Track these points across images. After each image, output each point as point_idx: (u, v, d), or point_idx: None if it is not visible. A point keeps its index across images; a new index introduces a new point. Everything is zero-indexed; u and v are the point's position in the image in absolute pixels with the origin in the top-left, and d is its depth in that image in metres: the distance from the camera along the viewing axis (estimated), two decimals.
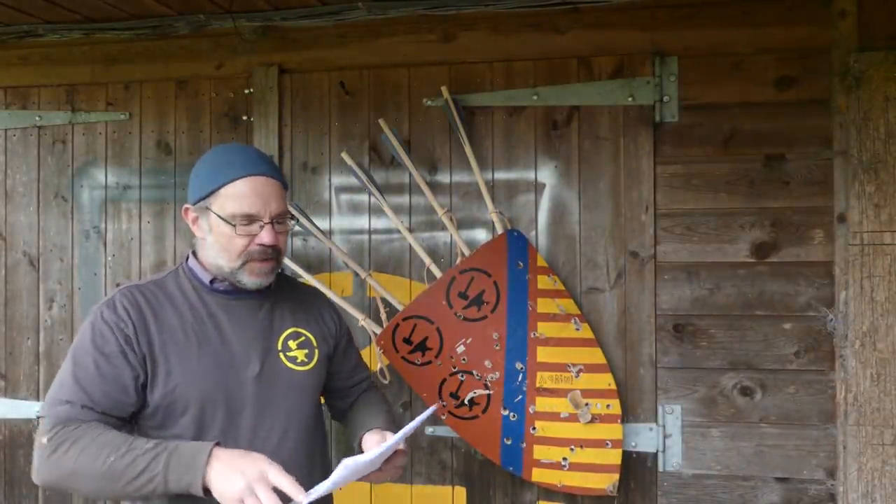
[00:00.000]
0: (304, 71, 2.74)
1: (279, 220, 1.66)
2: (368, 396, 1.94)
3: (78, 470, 1.47)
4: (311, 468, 1.71)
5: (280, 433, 1.66)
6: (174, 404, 1.59)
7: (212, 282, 1.70)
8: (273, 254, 1.65)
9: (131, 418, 1.62)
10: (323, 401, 1.88)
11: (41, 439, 1.51)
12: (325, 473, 1.83)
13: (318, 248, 2.71)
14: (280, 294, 1.78)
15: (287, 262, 2.66)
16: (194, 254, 1.74)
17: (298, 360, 1.72)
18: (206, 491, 1.41)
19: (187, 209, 1.71)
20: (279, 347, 1.71)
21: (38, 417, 1.57)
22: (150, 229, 2.85)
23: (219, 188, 1.63)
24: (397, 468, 1.69)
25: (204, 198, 1.66)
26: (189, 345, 1.62)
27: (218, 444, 1.46)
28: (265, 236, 1.62)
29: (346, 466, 1.47)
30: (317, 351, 1.77)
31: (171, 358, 1.60)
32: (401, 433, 1.62)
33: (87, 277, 2.89)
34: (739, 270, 2.44)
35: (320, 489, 1.43)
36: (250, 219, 1.62)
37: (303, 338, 1.76)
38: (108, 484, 1.45)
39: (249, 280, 1.65)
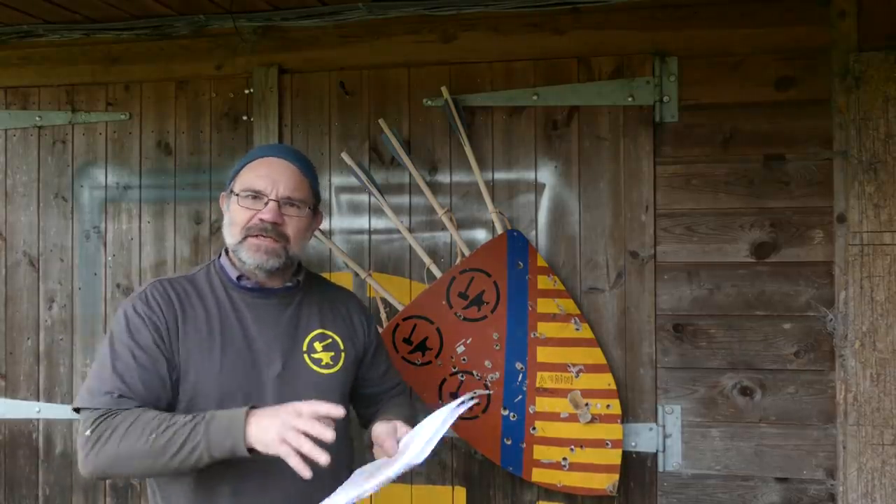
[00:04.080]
0: (304, 71, 2.74)
1: (289, 202, 1.67)
2: (393, 399, 1.92)
3: (122, 454, 1.49)
4: (334, 475, 1.69)
5: None
6: (195, 400, 1.60)
7: (239, 278, 1.70)
8: (273, 232, 1.65)
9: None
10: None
11: (84, 432, 1.53)
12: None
13: (318, 248, 2.71)
14: (309, 294, 1.78)
15: None
16: (227, 251, 1.75)
17: (323, 363, 1.71)
18: (251, 451, 1.43)
19: (222, 197, 1.77)
20: (304, 348, 1.71)
21: (76, 409, 1.58)
22: (150, 229, 2.85)
23: (239, 171, 1.72)
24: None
25: (230, 182, 1.74)
26: (212, 341, 1.63)
27: (254, 406, 1.47)
28: (266, 212, 1.64)
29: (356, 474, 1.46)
30: (343, 354, 1.76)
31: (193, 354, 1.62)
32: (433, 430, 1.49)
33: (87, 277, 2.89)
34: (739, 270, 2.44)
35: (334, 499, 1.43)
36: (256, 194, 1.66)
37: (329, 340, 1.75)
38: (154, 462, 1.47)
39: (248, 257, 1.65)
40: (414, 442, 1.52)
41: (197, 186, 2.81)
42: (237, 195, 1.68)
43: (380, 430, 1.63)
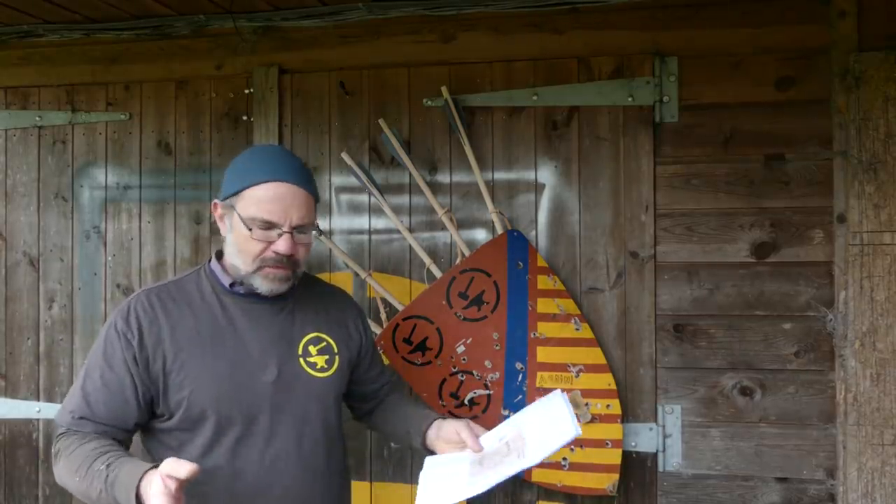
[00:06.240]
0: (304, 71, 2.74)
1: (300, 230, 1.63)
2: (398, 398, 1.93)
3: (65, 483, 1.55)
4: (328, 476, 1.69)
5: (296, 440, 1.65)
6: (191, 409, 1.59)
7: (231, 285, 1.68)
8: (288, 262, 1.63)
9: (138, 428, 1.64)
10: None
11: (52, 447, 1.61)
12: (344, 481, 1.83)
13: (318, 248, 2.71)
14: (303, 297, 1.76)
15: None
16: (218, 255, 1.72)
17: (318, 366, 1.70)
18: None
19: (216, 204, 1.70)
20: (299, 352, 1.69)
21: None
22: (150, 229, 2.85)
23: (244, 189, 1.61)
24: None
25: (230, 196, 1.64)
26: (204, 349, 1.61)
27: (150, 469, 1.40)
28: (281, 245, 1.60)
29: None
30: (337, 357, 1.75)
31: (185, 363, 1.60)
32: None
33: (87, 277, 2.89)
34: (739, 270, 2.44)
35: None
36: (269, 225, 1.60)
37: (324, 343, 1.74)
38: (87, 500, 1.52)
39: (263, 285, 1.63)
40: (524, 441, 1.60)
41: (197, 186, 2.81)
42: (247, 225, 1.60)
43: (450, 427, 1.69)
